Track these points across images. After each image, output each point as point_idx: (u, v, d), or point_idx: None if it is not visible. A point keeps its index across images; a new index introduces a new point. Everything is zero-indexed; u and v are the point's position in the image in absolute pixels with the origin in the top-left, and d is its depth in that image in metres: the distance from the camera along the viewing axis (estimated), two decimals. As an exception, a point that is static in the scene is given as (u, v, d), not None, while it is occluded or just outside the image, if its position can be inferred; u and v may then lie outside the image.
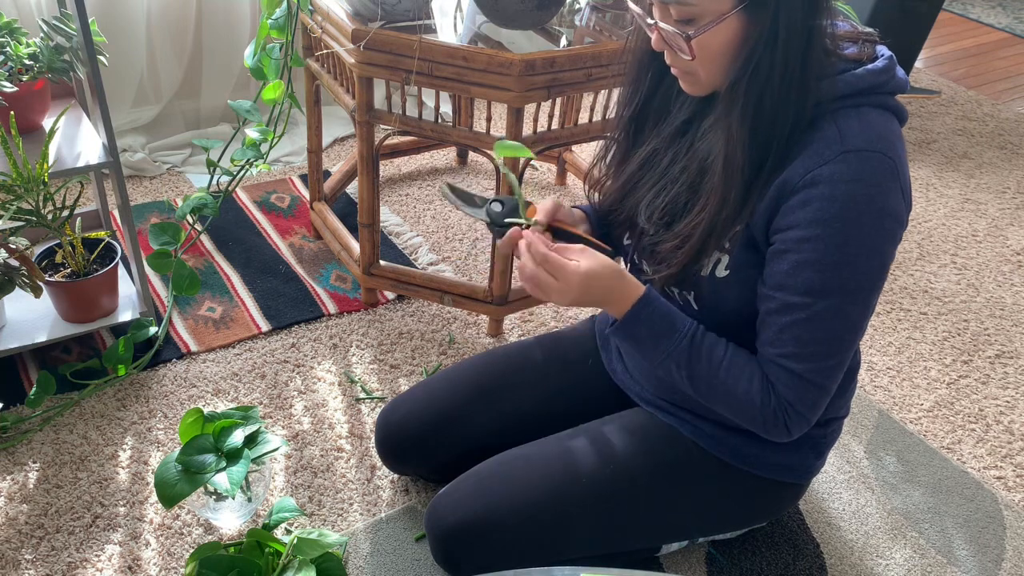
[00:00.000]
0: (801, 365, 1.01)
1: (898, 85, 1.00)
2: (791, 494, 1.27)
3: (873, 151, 0.94)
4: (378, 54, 1.50)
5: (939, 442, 1.66)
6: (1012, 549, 1.45)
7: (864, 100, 0.97)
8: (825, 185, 0.94)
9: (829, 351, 1.00)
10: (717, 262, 1.05)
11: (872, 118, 0.96)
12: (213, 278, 1.91)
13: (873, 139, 0.95)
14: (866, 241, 0.96)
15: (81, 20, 1.42)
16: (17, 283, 1.38)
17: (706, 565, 1.38)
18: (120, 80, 2.25)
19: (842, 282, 0.97)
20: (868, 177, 0.94)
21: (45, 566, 1.32)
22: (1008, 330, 1.96)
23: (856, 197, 0.94)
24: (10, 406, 1.57)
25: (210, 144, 1.74)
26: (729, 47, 0.94)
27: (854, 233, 0.95)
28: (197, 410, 1.32)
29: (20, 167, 1.41)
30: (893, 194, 0.96)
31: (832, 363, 1.01)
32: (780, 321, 1.00)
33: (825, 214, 0.94)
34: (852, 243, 0.95)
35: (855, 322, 1.00)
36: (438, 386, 1.37)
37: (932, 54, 3.39)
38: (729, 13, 0.91)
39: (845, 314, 0.98)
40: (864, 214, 0.94)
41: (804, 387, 1.02)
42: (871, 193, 0.94)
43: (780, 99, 0.93)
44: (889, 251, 0.98)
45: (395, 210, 2.20)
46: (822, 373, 1.01)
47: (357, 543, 1.38)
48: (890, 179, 0.95)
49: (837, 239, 0.95)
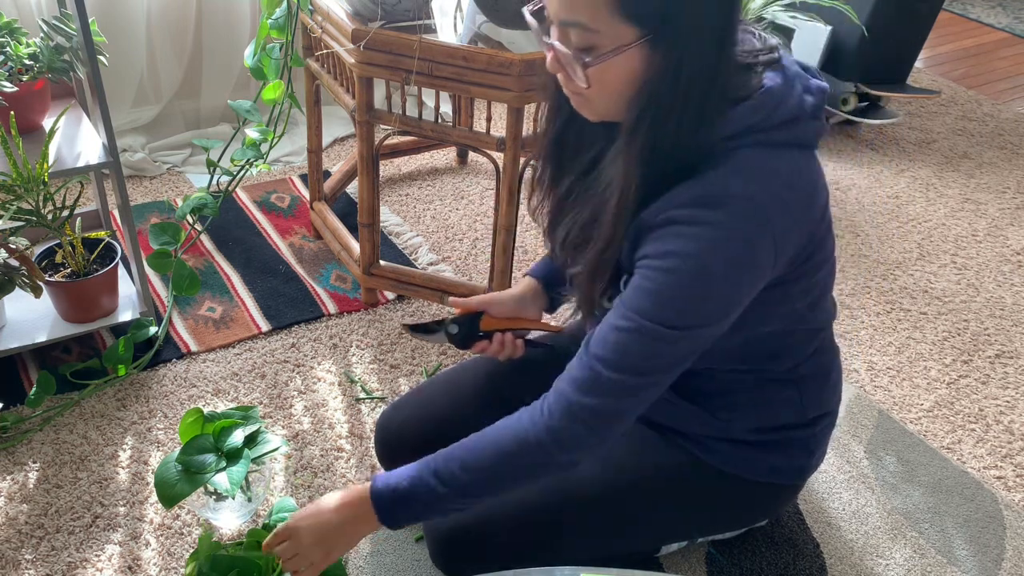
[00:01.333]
0: (603, 372, 0.96)
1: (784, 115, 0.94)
2: (787, 494, 1.27)
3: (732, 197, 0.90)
4: (378, 54, 1.50)
5: (939, 442, 1.66)
6: (1012, 549, 1.45)
7: (741, 142, 0.92)
8: (679, 225, 0.91)
9: (641, 367, 0.96)
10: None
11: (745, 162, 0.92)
12: (213, 278, 1.91)
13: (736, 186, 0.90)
14: (707, 286, 0.92)
15: (81, 20, 1.42)
16: (17, 283, 1.38)
17: (706, 565, 1.38)
18: (120, 80, 2.25)
19: (674, 314, 0.93)
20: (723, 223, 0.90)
21: (45, 566, 1.32)
22: (1008, 330, 1.96)
23: (706, 244, 0.90)
24: (10, 406, 1.57)
25: (210, 144, 1.74)
26: (627, 79, 0.89)
27: (696, 277, 0.92)
28: (197, 410, 1.32)
29: (20, 167, 1.41)
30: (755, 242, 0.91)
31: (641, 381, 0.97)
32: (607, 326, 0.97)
33: (672, 251, 0.92)
34: (691, 286, 0.92)
35: (677, 350, 0.96)
36: (438, 391, 1.36)
37: (932, 54, 3.39)
38: (631, 45, 0.86)
39: (667, 341, 0.94)
40: (712, 258, 0.91)
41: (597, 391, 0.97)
42: (724, 238, 0.90)
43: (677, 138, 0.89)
44: (733, 299, 0.95)
45: (395, 210, 2.20)
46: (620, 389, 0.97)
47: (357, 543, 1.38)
48: (751, 227, 0.90)
49: (679, 280, 0.92)
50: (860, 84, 2.59)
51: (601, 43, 0.87)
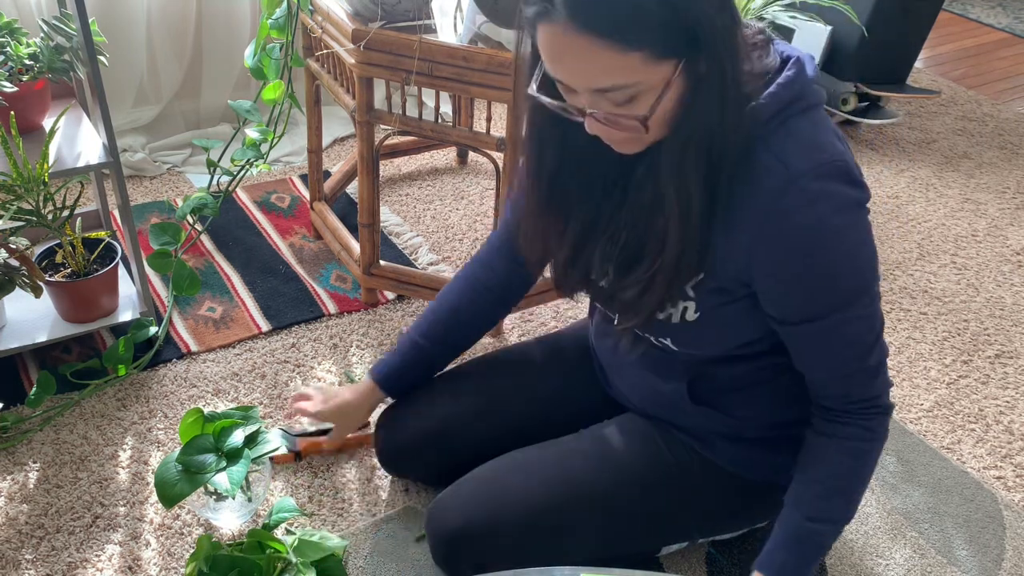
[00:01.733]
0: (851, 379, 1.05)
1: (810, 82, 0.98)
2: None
3: (818, 164, 0.93)
4: (378, 54, 1.50)
5: (939, 442, 1.66)
6: (1012, 549, 1.45)
7: (787, 114, 0.95)
8: (798, 215, 0.93)
9: (867, 351, 1.04)
10: (684, 309, 1.06)
11: (802, 128, 0.95)
12: (213, 278, 1.91)
13: (813, 152, 0.94)
14: (851, 248, 0.97)
15: (81, 20, 1.42)
16: (17, 283, 1.38)
17: (706, 565, 1.38)
18: (120, 80, 2.25)
19: (849, 292, 0.99)
20: (825, 194, 0.93)
21: (45, 566, 1.32)
22: (1008, 330, 1.96)
23: (829, 215, 0.94)
24: (10, 406, 1.57)
25: (210, 144, 1.74)
26: (678, 104, 0.90)
27: (838, 248, 0.96)
28: (197, 410, 1.32)
29: (20, 167, 1.41)
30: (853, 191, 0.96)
31: (873, 361, 1.05)
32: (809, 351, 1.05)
33: (807, 242, 0.95)
34: (841, 258, 0.97)
35: (875, 317, 1.03)
36: (438, 394, 1.36)
37: (932, 54, 3.39)
38: (674, 77, 0.87)
39: (867, 314, 1.02)
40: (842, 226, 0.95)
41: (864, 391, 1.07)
42: (835, 205, 0.94)
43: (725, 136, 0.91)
44: (869, 239, 1.00)
45: (395, 210, 2.20)
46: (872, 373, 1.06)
47: (357, 543, 1.38)
48: (843, 182, 0.95)
49: (826, 261, 0.96)
50: (860, 84, 2.59)
51: (643, 89, 0.87)
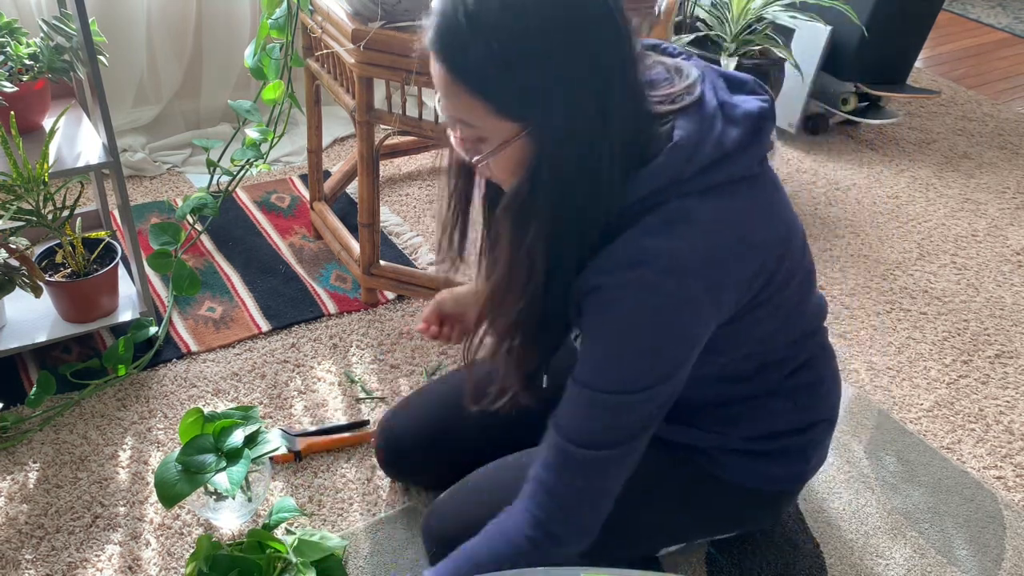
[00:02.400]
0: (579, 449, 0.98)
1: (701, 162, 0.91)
2: (787, 500, 1.27)
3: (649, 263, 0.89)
4: (378, 54, 1.50)
5: (939, 442, 1.66)
6: (1012, 549, 1.45)
7: (659, 199, 0.91)
8: (601, 293, 0.92)
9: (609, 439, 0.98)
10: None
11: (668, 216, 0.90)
12: (213, 278, 1.91)
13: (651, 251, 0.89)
14: (649, 345, 0.93)
15: (81, 20, 1.42)
16: (17, 283, 1.38)
17: (706, 565, 1.38)
18: (120, 80, 2.25)
19: (622, 380, 0.95)
20: (646, 283, 0.89)
21: (45, 566, 1.32)
22: (1008, 330, 1.96)
23: (630, 305, 0.91)
24: (10, 406, 1.57)
25: (210, 144, 1.74)
26: (518, 165, 0.89)
27: (631, 340, 0.93)
28: (197, 410, 1.32)
29: (20, 167, 1.41)
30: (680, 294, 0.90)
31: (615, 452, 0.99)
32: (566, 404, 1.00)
33: (602, 320, 0.93)
34: (633, 348, 0.93)
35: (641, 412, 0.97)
36: (438, 393, 1.36)
37: (932, 54, 3.39)
38: (513, 140, 0.87)
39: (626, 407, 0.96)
40: (641, 322, 0.91)
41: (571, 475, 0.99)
42: (647, 299, 0.90)
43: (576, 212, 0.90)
44: (677, 349, 0.95)
45: (395, 210, 2.20)
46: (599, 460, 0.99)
47: (357, 543, 1.38)
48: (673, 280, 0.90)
49: (615, 344, 0.94)
50: (860, 84, 2.59)
51: (488, 136, 0.89)
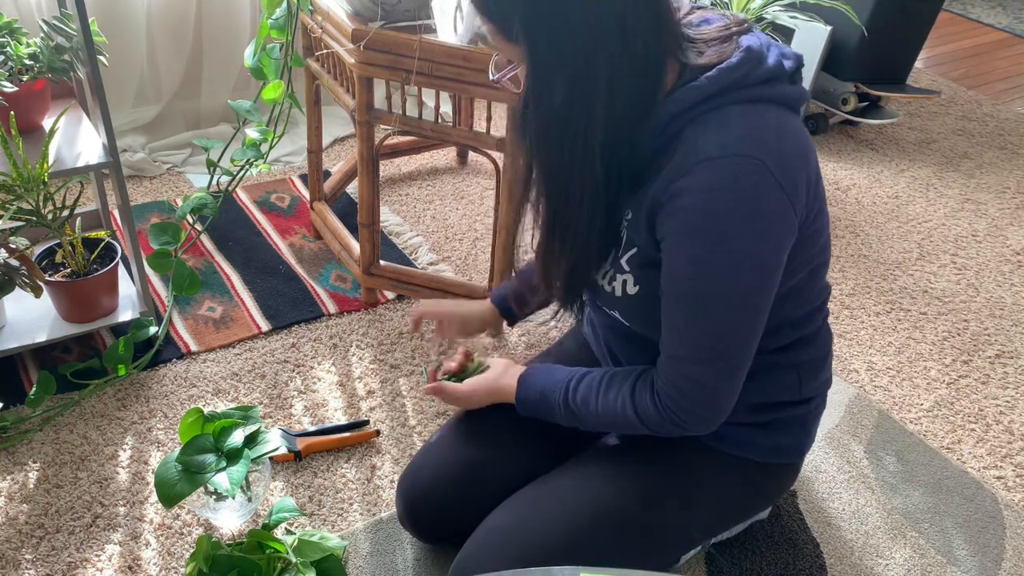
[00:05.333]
0: (689, 367, 1.03)
1: (766, 72, 0.98)
2: (789, 475, 1.28)
3: (730, 156, 0.93)
4: (378, 54, 1.50)
5: (939, 442, 1.66)
6: (1012, 549, 1.45)
7: (724, 99, 0.95)
8: (686, 197, 0.94)
9: (714, 354, 1.02)
10: (624, 282, 1.07)
11: (733, 118, 0.95)
12: (213, 278, 1.91)
13: (730, 143, 0.93)
14: (736, 247, 0.95)
15: (81, 20, 1.42)
16: (17, 283, 1.38)
17: (706, 565, 1.38)
18: (120, 80, 2.25)
19: (716, 288, 0.98)
20: (727, 184, 0.93)
21: (45, 566, 1.32)
22: (1008, 330, 1.96)
23: (718, 206, 0.93)
24: (10, 406, 1.57)
25: (210, 144, 1.74)
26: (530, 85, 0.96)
27: (720, 240, 0.95)
28: (197, 410, 1.32)
29: (20, 167, 1.41)
30: (762, 194, 0.94)
31: (722, 365, 1.03)
32: (668, 325, 1.04)
33: (689, 225, 0.95)
34: (719, 250, 0.95)
35: (739, 324, 1.01)
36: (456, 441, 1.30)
37: (932, 54, 3.39)
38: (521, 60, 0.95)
39: (726, 318, 1.00)
40: (728, 222, 0.94)
41: (694, 389, 1.04)
42: (734, 199, 0.93)
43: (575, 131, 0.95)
44: (766, 251, 0.97)
45: (395, 210, 2.20)
46: (712, 375, 1.03)
47: (357, 543, 1.38)
48: (755, 180, 0.93)
49: (703, 248, 0.95)
50: (860, 84, 2.59)
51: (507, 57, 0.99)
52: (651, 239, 1.01)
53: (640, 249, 1.04)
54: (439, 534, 1.32)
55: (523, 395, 1.23)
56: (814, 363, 1.20)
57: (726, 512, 1.28)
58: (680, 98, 0.96)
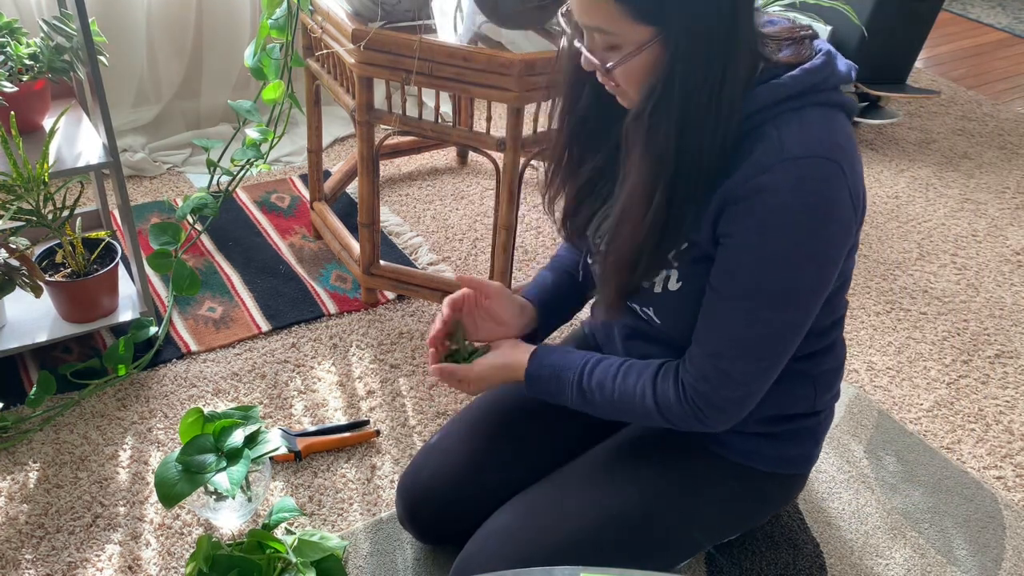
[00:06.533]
0: (728, 363, 1.03)
1: (839, 79, 0.99)
2: (797, 485, 1.28)
3: (815, 157, 0.94)
4: (378, 54, 1.50)
5: (939, 442, 1.66)
6: (1012, 549, 1.45)
7: (805, 101, 0.96)
8: (768, 194, 0.94)
9: (761, 352, 1.02)
10: (667, 278, 1.06)
11: (814, 120, 0.96)
12: (213, 278, 1.91)
13: (814, 144, 0.94)
14: (808, 248, 0.96)
15: (81, 20, 1.42)
16: (17, 283, 1.38)
17: (706, 565, 1.38)
18: (120, 80, 2.25)
19: (779, 286, 0.98)
20: (810, 185, 0.93)
21: (45, 566, 1.32)
22: (1008, 330, 1.96)
23: (798, 206, 0.94)
24: (10, 406, 1.57)
25: (210, 144, 1.74)
26: (651, 73, 0.93)
27: (796, 241, 0.95)
28: (197, 410, 1.32)
29: (20, 167, 1.41)
30: (838, 199, 0.95)
31: (765, 364, 1.03)
32: (712, 321, 1.03)
33: (768, 222, 0.95)
34: (794, 250, 0.96)
35: (791, 324, 1.01)
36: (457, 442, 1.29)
37: (932, 54, 3.39)
38: (648, 43, 0.91)
39: (782, 317, 1.00)
40: (807, 222, 0.95)
41: (727, 385, 1.04)
42: (814, 201, 0.94)
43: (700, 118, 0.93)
44: (833, 255, 0.99)
45: (395, 210, 2.20)
46: (751, 372, 1.03)
47: (357, 543, 1.38)
48: (834, 183, 0.94)
49: (777, 245, 0.95)
50: (860, 84, 2.59)
51: (621, 42, 0.92)
52: (711, 234, 1.00)
53: (693, 244, 1.02)
54: (439, 535, 1.32)
55: (534, 371, 1.18)
56: (830, 374, 1.19)
57: (730, 519, 1.27)
58: (763, 93, 0.95)
